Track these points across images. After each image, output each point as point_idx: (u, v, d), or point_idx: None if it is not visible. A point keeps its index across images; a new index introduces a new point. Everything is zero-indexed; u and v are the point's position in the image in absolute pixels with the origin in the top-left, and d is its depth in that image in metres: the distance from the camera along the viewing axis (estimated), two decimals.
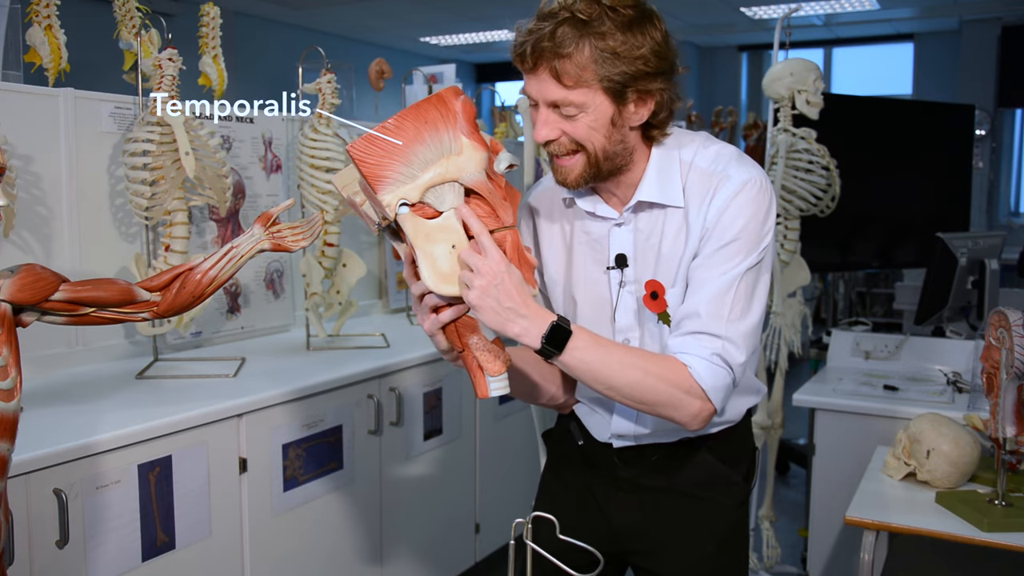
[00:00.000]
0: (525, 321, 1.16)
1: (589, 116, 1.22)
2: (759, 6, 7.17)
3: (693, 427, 1.26)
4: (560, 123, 1.23)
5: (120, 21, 2.26)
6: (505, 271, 1.14)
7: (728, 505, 1.47)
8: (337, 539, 2.29)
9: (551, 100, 1.21)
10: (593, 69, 1.19)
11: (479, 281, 1.13)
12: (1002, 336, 1.61)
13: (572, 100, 1.20)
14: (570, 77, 1.19)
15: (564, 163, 1.27)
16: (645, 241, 1.34)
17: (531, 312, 1.16)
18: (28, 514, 1.57)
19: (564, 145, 1.25)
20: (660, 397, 1.22)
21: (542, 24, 1.19)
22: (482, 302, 1.13)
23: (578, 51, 1.18)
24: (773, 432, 2.84)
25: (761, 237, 1.26)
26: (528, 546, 0.98)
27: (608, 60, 1.18)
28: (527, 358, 1.40)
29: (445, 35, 8.73)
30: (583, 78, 1.19)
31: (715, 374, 1.23)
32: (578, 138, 1.24)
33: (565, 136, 1.24)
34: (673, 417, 1.24)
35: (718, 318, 1.24)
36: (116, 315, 1.15)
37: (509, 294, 1.14)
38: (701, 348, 1.24)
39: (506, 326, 1.16)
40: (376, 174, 1.12)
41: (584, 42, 1.18)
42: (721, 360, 1.24)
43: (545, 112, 1.23)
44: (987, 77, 7.78)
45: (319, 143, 2.48)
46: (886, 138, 3.70)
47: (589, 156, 1.25)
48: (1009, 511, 1.65)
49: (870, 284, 7.16)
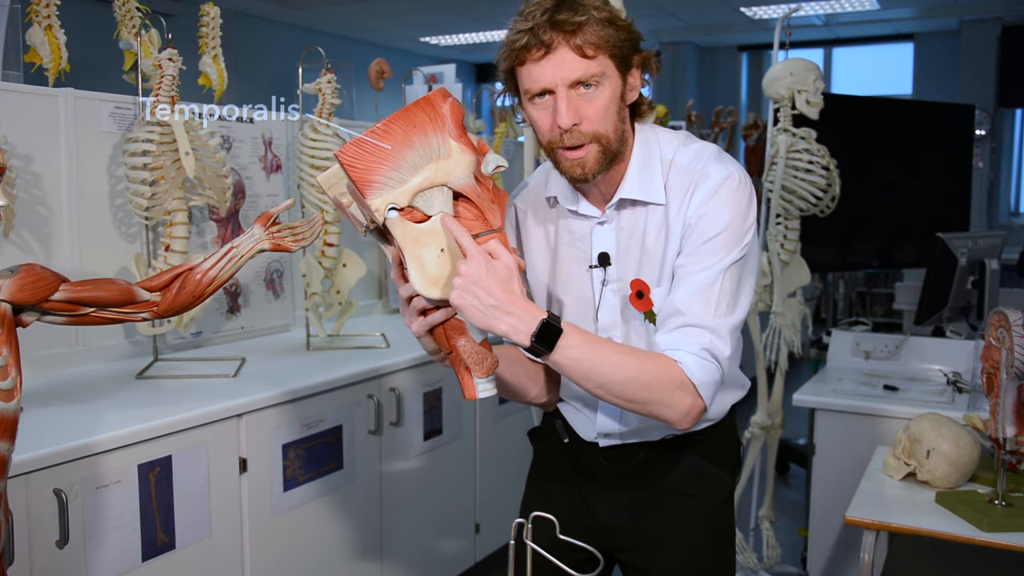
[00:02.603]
0: (512, 319, 1.14)
1: (606, 90, 1.23)
2: (759, 6, 7.17)
3: (683, 425, 1.24)
4: (579, 106, 1.23)
5: (120, 21, 2.26)
6: (485, 269, 1.12)
7: (714, 501, 1.47)
8: (337, 539, 2.29)
9: (574, 78, 1.21)
10: (602, 35, 1.21)
11: (459, 281, 1.12)
12: (1002, 336, 1.61)
13: (594, 71, 1.22)
14: (590, 46, 1.20)
15: (577, 154, 1.26)
16: (628, 239, 1.34)
17: (519, 309, 1.14)
18: (28, 514, 1.57)
19: (582, 134, 1.24)
20: (651, 396, 1.21)
21: (534, 11, 1.21)
22: (463, 301, 1.12)
23: (587, 20, 1.20)
24: (773, 432, 2.84)
25: (743, 232, 1.27)
26: (528, 546, 0.98)
27: (610, 27, 1.22)
28: (511, 356, 1.41)
29: (445, 35, 8.73)
30: (600, 47, 1.21)
31: (705, 369, 1.23)
32: (595, 121, 1.24)
33: (585, 122, 1.24)
34: (664, 415, 1.23)
35: (705, 312, 1.24)
36: (116, 315, 1.15)
37: (491, 292, 1.12)
38: (690, 344, 1.23)
39: (493, 324, 1.14)
40: (365, 179, 1.11)
41: (586, 13, 1.20)
42: (710, 355, 1.23)
43: (565, 95, 1.22)
44: (987, 77, 7.78)
45: (319, 143, 2.48)
46: (886, 138, 3.70)
47: (602, 142, 1.25)
48: (1009, 511, 1.65)
49: (870, 284, 7.17)
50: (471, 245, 1.13)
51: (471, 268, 1.12)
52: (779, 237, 2.77)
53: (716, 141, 5.61)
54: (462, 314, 1.15)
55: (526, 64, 1.23)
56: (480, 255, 1.13)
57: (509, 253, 1.16)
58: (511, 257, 1.16)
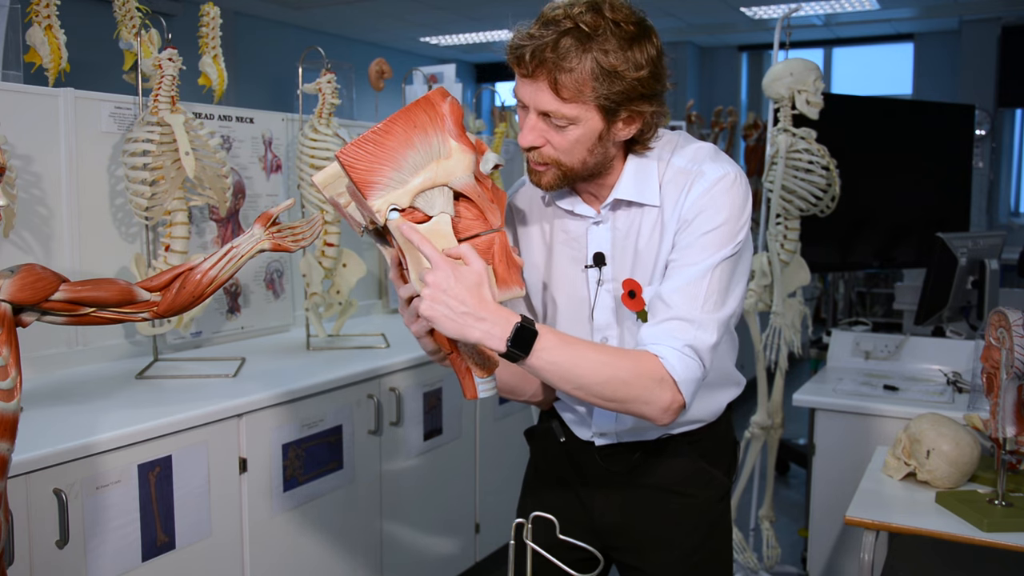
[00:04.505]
0: (486, 324, 1.10)
1: (579, 130, 1.22)
2: (759, 6, 7.17)
3: (663, 421, 1.23)
4: (547, 132, 1.23)
5: (120, 21, 2.26)
6: (453, 277, 1.10)
7: (711, 500, 1.47)
8: (337, 539, 2.29)
9: (544, 110, 1.21)
10: (592, 86, 1.18)
11: (426, 291, 1.10)
12: (1002, 336, 1.61)
13: (565, 113, 1.20)
14: (568, 91, 1.18)
15: (537, 168, 1.28)
16: (623, 239, 1.34)
17: (490, 314, 1.11)
18: (28, 514, 1.57)
19: (543, 155, 1.25)
20: (631, 393, 1.19)
21: (544, 31, 1.18)
22: (433, 312, 1.10)
23: (580, 66, 1.17)
24: (773, 432, 2.84)
25: (737, 230, 1.27)
26: (528, 546, 0.98)
27: (607, 78, 1.18)
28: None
29: (445, 35, 8.73)
30: (581, 93, 1.18)
31: (687, 366, 1.22)
32: (560, 151, 1.24)
33: (548, 147, 1.24)
34: (643, 412, 1.21)
35: (691, 307, 1.23)
36: (116, 315, 1.15)
37: (460, 299, 1.09)
38: (673, 339, 1.22)
39: (466, 332, 1.10)
40: (366, 180, 1.11)
41: (586, 57, 1.17)
42: (693, 351, 1.22)
43: (534, 119, 1.23)
44: (987, 77, 7.78)
45: (319, 143, 2.48)
46: (886, 138, 3.70)
47: (563, 169, 1.26)
48: (1009, 511, 1.65)
49: (870, 284, 7.17)
50: (433, 253, 1.11)
51: (437, 277, 1.10)
52: (779, 237, 2.77)
53: (716, 141, 5.61)
54: (433, 324, 1.11)
55: (516, 73, 1.23)
56: (445, 263, 1.11)
57: (479, 259, 1.14)
58: (481, 262, 1.13)
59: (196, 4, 2.40)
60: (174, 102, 2.13)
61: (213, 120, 2.57)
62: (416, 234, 1.12)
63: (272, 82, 7.46)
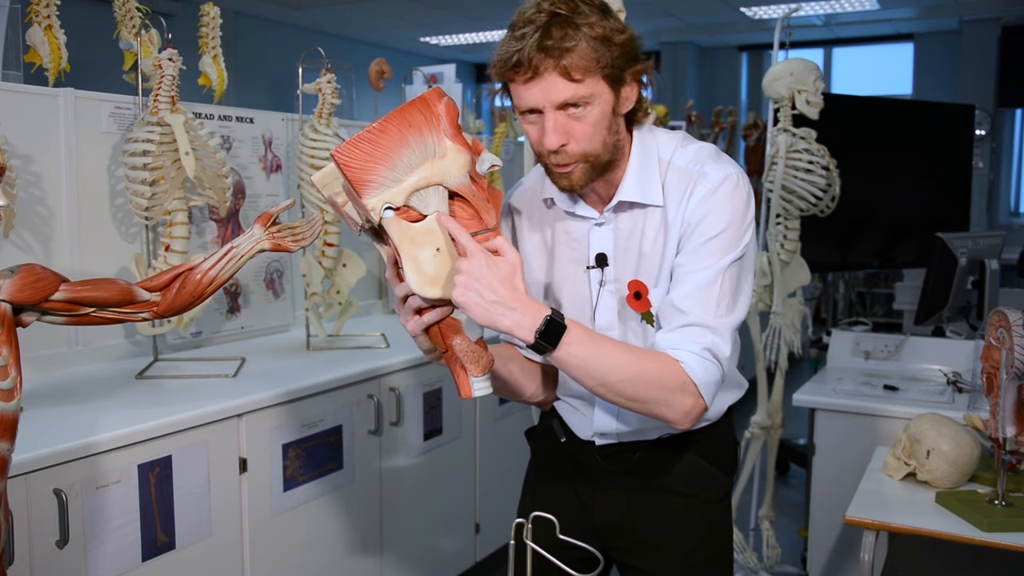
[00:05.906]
0: (516, 314, 1.14)
1: (596, 109, 1.22)
2: (759, 6, 7.17)
3: (683, 425, 1.24)
4: (567, 126, 1.23)
5: (120, 21, 2.27)
6: (487, 266, 1.12)
7: (711, 500, 1.47)
8: (337, 539, 2.29)
9: (561, 101, 1.21)
10: (594, 57, 1.20)
11: (460, 278, 1.12)
12: (1002, 336, 1.61)
13: (582, 94, 1.20)
14: (578, 70, 1.19)
15: (564, 169, 1.27)
16: (626, 240, 1.35)
17: (521, 305, 1.14)
18: (28, 514, 1.57)
19: (569, 154, 1.25)
20: (653, 394, 1.20)
21: (526, 30, 1.19)
22: (466, 298, 1.12)
23: (577, 44, 1.18)
24: (773, 432, 2.84)
25: (742, 232, 1.28)
26: (528, 546, 0.98)
27: (603, 46, 1.20)
28: (506, 355, 1.41)
29: (445, 35, 8.73)
30: (589, 69, 1.20)
31: (707, 369, 1.23)
32: (583, 141, 1.24)
33: (571, 143, 1.24)
34: (664, 415, 1.22)
35: (705, 312, 1.24)
36: (116, 315, 1.15)
37: (492, 288, 1.12)
38: (692, 343, 1.23)
39: (496, 320, 1.14)
40: (360, 178, 1.11)
41: (578, 34, 1.19)
42: (711, 355, 1.24)
43: (553, 117, 1.22)
44: (987, 77, 7.78)
45: (319, 143, 2.48)
46: (886, 138, 3.70)
47: (590, 160, 1.26)
48: (1009, 511, 1.65)
49: (870, 284, 7.17)
50: (469, 243, 1.13)
51: (472, 265, 1.12)
52: (779, 237, 2.77)
53: (716, 141, 5.61)
54: (465, 311, 1.14)
55: (515, 83, 1.22)
56: (480, 252, 1.13)
57: (514, 250, 1.16)
58: (515, 253, 1.16)
59: (196, 4, 2.40)
60: (174, 102, 2.13)
61: (213, 120, 2.58)
62: (452, 223, 1.14)
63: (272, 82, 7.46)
